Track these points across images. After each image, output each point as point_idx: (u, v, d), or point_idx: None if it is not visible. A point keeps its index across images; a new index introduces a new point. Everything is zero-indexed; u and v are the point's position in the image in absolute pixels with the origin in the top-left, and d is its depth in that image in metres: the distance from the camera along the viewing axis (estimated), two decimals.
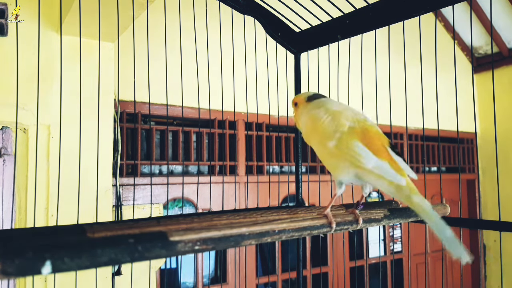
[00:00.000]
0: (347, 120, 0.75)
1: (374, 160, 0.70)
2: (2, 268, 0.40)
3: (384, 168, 0.70)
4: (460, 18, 3.42)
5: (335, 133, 0.73)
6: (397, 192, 0.70)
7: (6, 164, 1.66)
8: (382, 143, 0.73)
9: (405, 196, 0.69)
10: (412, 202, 0.68)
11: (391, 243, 3.17)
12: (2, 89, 1.57)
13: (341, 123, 0.74)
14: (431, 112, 1.23)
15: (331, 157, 0.74)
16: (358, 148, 0.71)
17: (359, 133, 0.73)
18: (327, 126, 0.75)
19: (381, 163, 0.70)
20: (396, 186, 0.70)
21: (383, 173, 0.70)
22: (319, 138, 0.76)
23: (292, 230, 0.64)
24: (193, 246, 0.54)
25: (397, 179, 0.69)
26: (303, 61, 1.26)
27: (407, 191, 0.70)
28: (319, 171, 2.66)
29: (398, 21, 0.95)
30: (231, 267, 2.33)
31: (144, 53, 1.60)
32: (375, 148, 0.72)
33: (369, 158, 0.70)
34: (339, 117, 0.76)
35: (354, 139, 0.72)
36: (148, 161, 2.08)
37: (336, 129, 0.74)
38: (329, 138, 0.73)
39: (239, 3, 1.15)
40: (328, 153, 0.74)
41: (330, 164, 0.75)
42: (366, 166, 0.70)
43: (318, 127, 0.76)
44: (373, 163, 0.70)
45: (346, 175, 0.74)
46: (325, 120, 0.76)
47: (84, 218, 1.15)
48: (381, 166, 0.70)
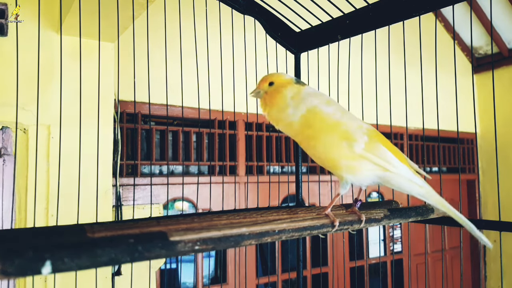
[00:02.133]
0: (359, 120, 0.75)
1: (401, 166, 0.72)
2: (2, 268, 0.40)
3: (409, 173, 0.72)
4: (460, 18, 3.41)
5: (361, 135, 0.71)
6: (428, 194, 0.74)
7: (6, 164, 1.66)
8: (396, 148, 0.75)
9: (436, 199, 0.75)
10: (445, 206, 0.74)
11: (391, 243, 3.17)
12: (2, 89, 1.57)
13: (359, 124, 0.72)
14: (431, 112, 1.22)
15: (352, 160, 0.70)
16: (386, 153, 0.71)
17: (376, 135, 0.73)
18: (347, 127, 0.71)
19: (406, 168, 0.72)
20: (426, 189, 0.73)
21: (410, 177, 0.72)
22: (335, 139, 0.71)
23: (292, 230, 0.64)
24: (193, 246, 0.54)
25: (420, 182, 0.73)
26: (303, 61, 1.26)
27: (436, 195, 0.74)
28: (319, 171, 2.66)
29: (398, 21, 0.95)
30: (231, 267, 2.33)
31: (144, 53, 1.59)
32: (395, 153, 0.73)
33: (397, 164, 0.71)
34: (352, 117, 0.74)
35: (379, 143, 0.72)
36: (148, 161, 2.08)
37: (358, 130, 0.71)
38: (352, 140, 0.70)
39: (239, 3, 1.15)
40: (349, 155, 0.70)
41: (347, 166, 0.71)
42: (399, 172, 0.71)
43: (335, 127, 0.71)
44: (404, 169, 0.72)
45: (368, 177, 0.73)
46: (344, 120, 0.72)
47: (84, 218, 1.15)
48: (407, 171, 0.72)
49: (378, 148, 0.71)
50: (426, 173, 0.78)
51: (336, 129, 0.71)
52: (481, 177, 3.76)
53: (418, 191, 0.73)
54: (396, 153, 0.73)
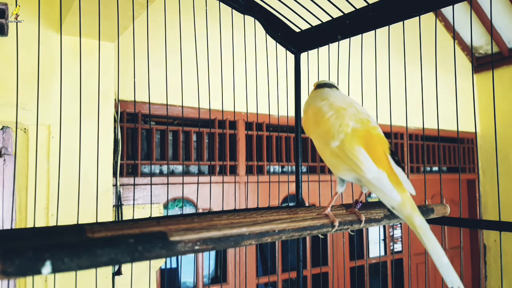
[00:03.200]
0: (350, 119, 0.72)
1: (374, 170, 0.67)
2: (2, 268, 0.40)
3: (382, 181, 0.67)
4: (460, 18, 3.41)
5: (339, 133, 0.70)
6: (398, 208, 0.67)
7: (6, 164, 1.66)
8: (383, 150, 0.71)
9: (406, 215, 0.66)
10: (413, 223, 0.65)
11: (391, 243, 3.17)
12: (2, 89, 1.57)
13: (345, 123, 0.71)
14: (431, 112, 1.23)
15: (332, 156, 0.72)
16: (361, 155, 0.68)
17: (362, 136, 0.70)
18: (330, 123, 0.72)
19: (380, 175, 0.67)
20: (398, 203, 0.67)
21: (381, 186, 0.67)
22: (321, 134, 0.73)
23: (292, 230, 0.64)
24: (193, 246, 0.54)
25: (393, 194, 0.66)
26: (303, 61, 1.26)
27: (408, 209, 0.66)
28: (319, 171, 2.66)
29: (398, 21, 0.95)
30: (231, 267, 2.33)
31: (144, 53, 1.60)
32: (376, 156, 0.69)
33: (369, 168, 0.67)
34: (343, 115, 0.72)
35: (357, 144, 0.69)
36: (148, 161, 2.08)
37: (339, 128, 0.71)
38: (331, 137, 0.71)
39: (239, 3, 1.15)
40: (329, 151, 0.72)
41: (330, 162, 0.73)
42: (366, 176, 0.67)
43: (321, 123, 0.74)
44: (372, 174, 0.67)
45: (347, 176, 0.72)
46: (329, 116, 0.73)
47: (84, 218, 1.15)
48: (379, 178, 0.67)
49: (351, 147, 0.69)
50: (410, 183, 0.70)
51: (322, 125, 0.73)
52: (481, 177, 3.76)
53: (389, 202, 0.68)
54: (377, 157, 0.69)
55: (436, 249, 0.63)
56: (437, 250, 0.63)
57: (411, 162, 3.21)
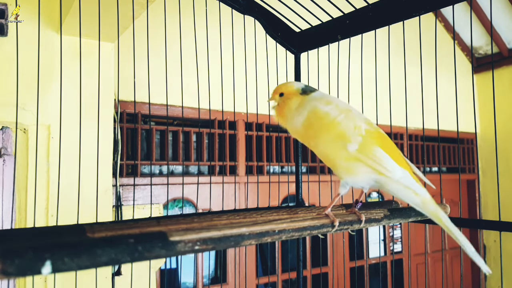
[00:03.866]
0: (360, 121, 0.71)
1: (399, 170, 0.69)
2: (2, 268, 0.40)
3: (409, 180, 0.69)
4: (460, 18, 3.41)
5: (356, 136, 0.69)
6: (423, 204, 0.70)
7: (6, 164, 1.66)
8: (397, 149, 0.72)
9: (431, 211, 0.69)
10: (440, 218, 0.69)
11: (391, 243, 3.17)
12: (2, 89, 1.57)
13: (357, 125, 0.70)
14: (431, 112, 1.22)
15: (347, 160, 0.70)
16: (383, 156, 0.68)
17: (376, 137, 0.70)
18: (343, 127, 0.70)
19: (406, 174, 0.69)
20: (422, 198, 0.69)
21: (408, 184, 0.69)
22: (332, 138, 0.71)
23: (292, 230, 0.64)
24: (193, 246, 0.54)
25: (421, 192, 0.69)
26: (303, 61, 1.26)
27: (433, 205, 0.69)
28: (319, 171, 2.66)
29: (398, 21, 0.95)
30: (231, 267, 2.33)
31: (144, 53, 1.60)
32: (394, 155, 0.70)
33: (395, 168, 0.68)
34: (353, 117, 0.71)
35: (376, 145, 0.69)
36: (148, 161, 2.08)
37: (355, 131, 0.69)
38: (347, 141, 0.69)
39: (239, 3, 1.15)
40: (344, 156, 0.70)
41: (344, 167, 0.71)
42: (392, 176, 0.68)
43: (330, 127, 0.71)
44: (400, 174, 0.68)
45: (365, 180, 0.71)
46: (340, 119, 0.71)
47: (84, 218, 1.15)
48: (406, 177, 0.69)
49: (372, 149, 0.68)
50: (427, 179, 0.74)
51: (332, 129, 0.71)
52: (481, 177, 3.76)
53: (413, 200, 0.70)
54: (396, 157, 0.70)
55: (464, 239, 0.68)
56: (465, 240, 0.67)
57: (411, 162, 3.21)
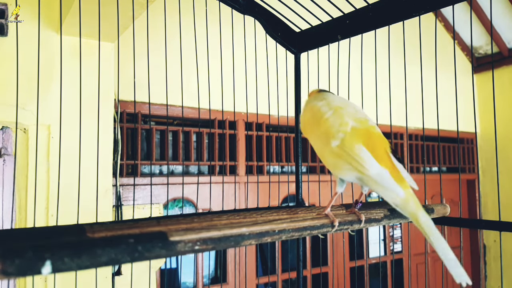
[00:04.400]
0: (349, 118, 0.71)
1: (376, 168, 0.67)
2: (2, 268, 0.40)
3: (385, 177, 0.67)
4: (460, 18, 3.41)
5: (338, 132, 0.70)
6: (402, 204, 0.67)
7: (6, 164, 1.66)
8: (384, 148, 0.71)
9: (410, 212, 0.67)
10: (418, 220, 0.66)
11: (391, 243, 3.17)
12: (2, 89, 1.57)
13: (344, 122, 0.71)
14: (431, 112, 1.23)
15: (332, 156, 0.71)
16: (362, 153, 0.68)
17: (362, 135, 0.70)
18: (329, 123, 0.71)
19: (382, 171, 0.67)
20: (400, 198, 0.67)
21: (384, 183, 0.67)
22: (320, 134, 0.73)
23: (292, 230, 0.64)
24: (193, 246, 0.54)
25: (396, 190, 0.66)
26: (303, 61, 1.26)
27: (412, 206, 0.66)
28: (319, 171, 2.66)
29: (398, 21, 0.95)
30: (231, 267, 2.33)
31: (144, 53, 1.60)
32: (378, 154, 0.69)
33: (372, 165, 0.67)
34: (342, 114, 0.72)
35: (358, 142, 0.69)
36: (148, 161, 2.08)
37: (339, 128, 0.70)
38: (331, 137, 0.70)
39: (239, 3, 1.15)
40: (329, 151, 0.71)
41: (330, 162, 0.73)
42: (368, 173, 0.67)
43: (320, 122, 0.73)
44: (375, 171, 0.67)
45: (347, 176, 0.71)
46: (328, 115, 0.72)
47: (84, 218, 1.15)
48: (382, 174, 0.67)
49: (352, 146, 0.68)
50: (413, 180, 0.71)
51: (321, 125, 0.72)
52: (481, 177, 3.76)
53: (393, 200, 0.68)
54: (379, 155, 0.69)
55: (442, 245, 0.63)
56: (443, 246, 0.63)
57: (411, 162, 3.21)
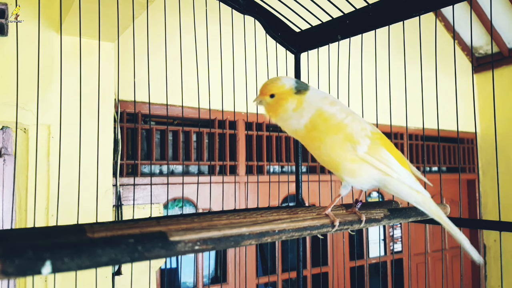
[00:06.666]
0: (365, 123, 0.73)
1: (403, 170, 0.71)
2: (2, 268, 0.40)
3: (411, 180, 0.71)
4: (460, 18, 3.41)
5: (364, 138, 0.69)
6: (424, 203, 0.72)
7: (6, 164, 1.66)
8: (399, 152, 0.74)
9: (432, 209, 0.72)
10: (441, 217, 0.71)
11: (391, 243, 3.17)
12: (2, 89, 1.57)
13: (363, 127, 0.71)
14: (431, 112, 1.23)
15: (353, 162, 0.70)
16: (390, 158, 0.70)
17: (380, 139, 0.72)
18: (351, 129, 0.70)
19: (408, 174, 0.71)
20: (423, 197, 0.72)
21: (411, 184, 0.71)
22: (339, 140, 0.70)
23: (292, 230, 0.64)
24: (193, 246, 0.54)
25: (421, 190, 0.71)
26: (303, 61, 1.26)
27: (433, 203, 0.72)
28: (319, 171, 2.66)
29: (398, 21, 0.95)
30: (231, 267, 2.33)
31: (144, 53, 1.60)
32: (397, 157, 0.72)
33: (399, 168, 0.70)
34: (358, 119, 0.72)
35: (382, 147, 0.71)
36: (148, 161, 2.08)
37: (362, 133, 0.70)
38: (356, 143, 0.69)
39: (239, 3, 1.15)
40: (351, 157, 0.70)
41: (349, 168, 0.71)
42: (399, 177, 0.70)
43: (338, 128, 0.70)
44: (405, 174, 0.71)
45: (368, 181, 0.72)
46: (348, 121, 0.70)
47: (84, 218, 1.15)
48: (409, 177, 0.71)
49: (380, 151, 0.70)
50: (426, 179, 0.77)
51: (340, 131, 0.70)
52: (481, 177, 3.76)
53: (415, 198, 0.72)
54: (398, 158, 0.72)
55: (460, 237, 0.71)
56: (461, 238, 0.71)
57: (411, 162, 3.21)
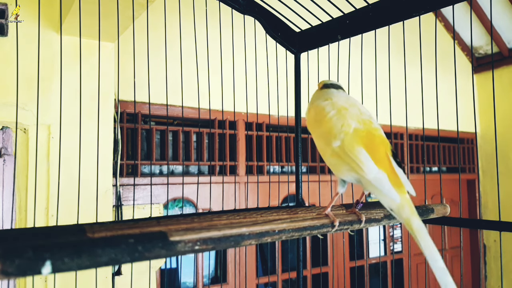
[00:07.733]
0: (352, 119, 0.72)
1: (374, 171, 0.67)
2: (2, 268, 0.40)
3: (382, 181, 0.67)
4: (460, 18, 3.41)
5: (340, 133, 0.70)
6: (397, 210, 0.67)
7: (6, 164, 1.66)
8: (385, 151, 0.71)
9: (404, 217, 0.67)
10: (411, 226, 0.65)
11: (391, 243, 3.17)
12: (2, 89, 1.57)
13: (347, 123, 0.71)
14: (431, 112, 1.23)
15: (333, 156, 0.71)
16: (361, 155, 0.68)
17: (363, 137, 0.70)
18: (332, 124, 0.71)
19: (380, 175, 0.67)
20: (396, 203, 0.67)
21: (381, 187, 0.67)
22: (322, 133, 0.73)
23: (292, 230, 0.64)
24: (193, 246, 0.54)
25: (392, 195, 0.66)
26: (303, 61, 1.26)
27: (406, 212, 0.66)
28: (319, 171, 2.66)
29: (398, 21, 0.95)
30: (231, 267, 2.33)
31: (144, 53, 1.60)
32: (378, 157, 0.69)
33: (370, 168, 0.67)
34: (345, 115, 0.72)
35: (358, 144, 0.69)
36: (148, 161, 2.08)
37: (341, 129, 0.70)
38: (333, 137, 0.70)
39: (239, 3, 1.15)
40: (330, 152, 0.71)
41: (331, 162, 0.73)
42: (366, 176, 0.67)
43: (323, 122, 0.73)
44: (373, 174, 0.67)
45: (347, 177, 0.72)
46: (331, 116, 0.72)
47: (84, 218, 1.15)
48: (379, 179, 0.67)
49: (353, 148, 0.68)
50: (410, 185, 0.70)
51: (324, 124, 0.73)
52: (481, 177, 3.76)
53: (388, 204, 0.69)
54: (379, 158, 0.69)
55: (432, 252, 0.63)
56: (433, 254, 0.63)
57: (411, 162, 3.21)
